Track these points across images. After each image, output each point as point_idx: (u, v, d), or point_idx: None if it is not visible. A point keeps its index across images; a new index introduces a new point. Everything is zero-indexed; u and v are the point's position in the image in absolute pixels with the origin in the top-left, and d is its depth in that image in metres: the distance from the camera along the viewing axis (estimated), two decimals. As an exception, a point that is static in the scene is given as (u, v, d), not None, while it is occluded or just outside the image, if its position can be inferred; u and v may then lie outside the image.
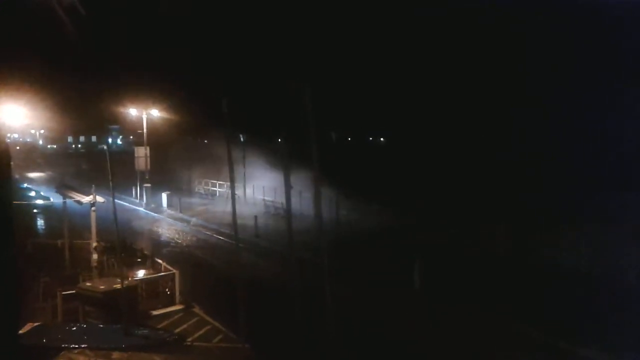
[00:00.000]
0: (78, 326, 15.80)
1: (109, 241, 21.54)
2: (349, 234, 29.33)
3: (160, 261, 21.76)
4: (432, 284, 20.69)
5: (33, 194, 41.69)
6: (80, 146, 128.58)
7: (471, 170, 48.66)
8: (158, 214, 41.73)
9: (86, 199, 20.33)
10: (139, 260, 22.43)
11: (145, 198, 45.45)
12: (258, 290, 17.57)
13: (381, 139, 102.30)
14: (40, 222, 36.98)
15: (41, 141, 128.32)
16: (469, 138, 64.85)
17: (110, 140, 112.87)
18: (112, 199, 16.13)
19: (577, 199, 29.80)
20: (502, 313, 17.50)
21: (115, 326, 15.28)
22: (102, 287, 16.79)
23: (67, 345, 13.12)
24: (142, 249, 24.32)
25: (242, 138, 47.47)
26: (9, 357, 6.00)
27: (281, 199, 33.69)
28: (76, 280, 19.41)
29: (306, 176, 11.42)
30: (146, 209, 43.78)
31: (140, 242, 27.53)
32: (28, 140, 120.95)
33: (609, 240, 21.27)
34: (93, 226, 20.45)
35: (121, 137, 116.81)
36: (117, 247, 18.31)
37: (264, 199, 41.38)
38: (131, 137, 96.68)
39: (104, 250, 21.55)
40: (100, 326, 15.89)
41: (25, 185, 49.31)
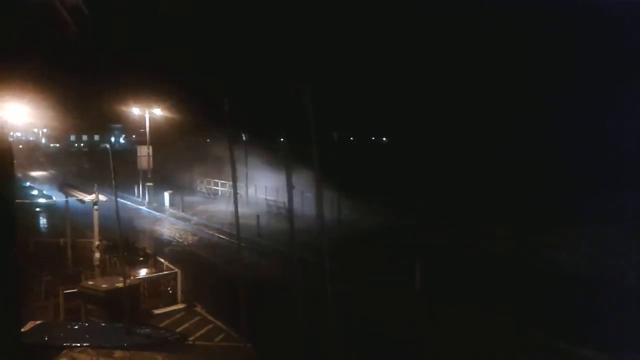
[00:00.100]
0: (80, 325, 15.84)
1: (112, 240, 21.63)
2: (350, 234, 29.40)
3: (162, 260, 21.81)
4: (432, 284, 20.74)
5: (36, 193, 41.77)
6: (82, 145, 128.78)
7: (471, 170, 48.68)
8: (160, 213, 41.79)
9: (88, 198, 20.38)
10: (141, 259, 22.49)
11: (147, 197, 45.53)
12: (260, 289, 17.64)
13: (383, 139, 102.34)
14: (42, 221, 37.04)
15: (44, 140, 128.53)
16: (469, 138, 64.88)
17: (112, 139, 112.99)
18: (115, 198, 16.17)
19: (577, 199, 29.85)
20: (502, 313, 17.54)
21: (117, 325, 15.33)
22: (104, 286, 16.83)
23: (69, 343, 13.17)
24: (144, 248, 24.40)
25: (244, 137, 47.43)
26: (11, 356, 6.04)
27: (283, 199, 33.77)
28: (78, 279, 19.49)
29: (308, 176, 11.48)
30: (148, 208, 43.85)
31: (142, 241, 27.61)
32: (31, 139, 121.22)
33: (609, 240, 21.32)
34: (95, 225, 20.52)
35: (124, 136, 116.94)
36: (120, 246, 18.39)
37: (266, 199, 41.44)
38: (134, 136, 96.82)
39: (106, 249, 21.63)
40: (102, 325, 15.93)
41: (27, 184, 49.40)
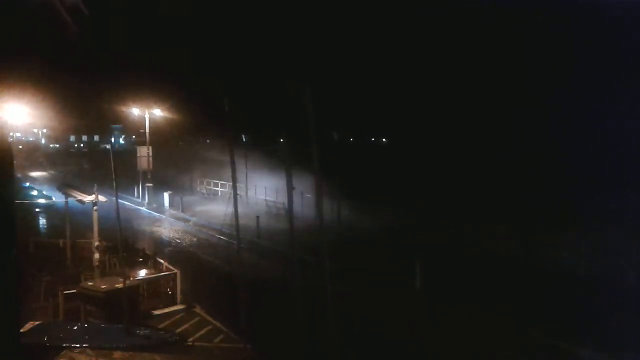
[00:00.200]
0: (79, 325, 15.82)
1: (111, 240, 21.61)
2: (350, 234, 29.40)
3: (161, 261, 21.79)
4: (432, 284, 20.73)
5: (35, 193, 41.75)
6: (82, 145, 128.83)
7: (471, 170, 48.67)
8: (160, 214, 41.76)
9: (88, 199, 20.37)
10: (141, 259, 22.50)
11: (147, 197, 45.49)
12: (260, 290, 17.62)
13: (383, 140, 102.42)
14: (42, 222, 37.02)
15: (44, 140, 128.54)
16: (469, 138, 64.90)
17: (112, 139, 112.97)
18: (116, 199, 16.16)
19: (577, 199, 29.84)
20: (502, 313, 17.52)
21: (116, 326, 15.31)
22: (104, 287, 16.82)
23: (69, 344, 13.16)
24: (144, 249, 24.39)
25: (244, 138, 47.43)
26: (11, 356, 6.02)
27: (283, 199, 33.70)
28: (78, 279, 19.48)
29: (308, 177, 11.46)
30: (148, 209, 43.81)
31: (141, 242, 27.59)
32: (31, 139, 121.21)
33: (609, 240, 21.30)
34: (95, 225, 20.50)
35: (123, 137, 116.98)
36: (119, 247, 18.37)
37: (266, 199, 41.44)
38: (133, 137, 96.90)
39: (106, 249, 21.63)
40: (101, 325, 15.91)
41: (27, 184, 49.37)
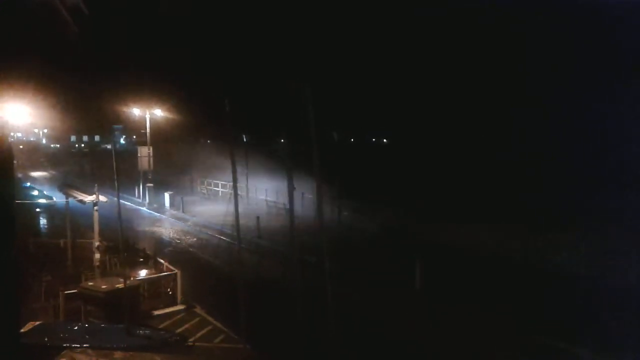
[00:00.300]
0: (80, 325, 15.82)
1: (112, 241, 21.62)
2: (350, 234, 29.41)
3: (162, 261, 21.79)
4: (433, 284, 20.73)
5: (36, 193, 41.76)
6: (83, 145, 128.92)
7: (471, 170, 48.66)
8: (160, 214, 41.77)
9: (89, 199, 20.37)
10: (141, 260, 22.49)
11: (147, 198, 45.52)
12: (260, 290, 17.62)
13: (383, 140, 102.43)
14: (42, 222, 37.03)
15: (44, 140, 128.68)
16: (469, 138, 64.89)
17: (114, 139, 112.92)
18: (117, 199, 16.16)
19: (577, 199, 29.83)
20: (502, 313, 17.53)
21: (117, 326, 15.31)
22: (104, 287, 16.82)
23: (69, 344, 13.15)
24: (145, 249, 24.39)
25: (245, 138, 47.44)
26: (11, 356, 6.03)
27: (283, 200, 33.75)
28: (78, 279, 19.48)
29: (308, 177, 11.47)
30: (149, 209, 43.83)
31: (142, 242, 27.59)
32: (31, 139, 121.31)
33: (609, 240, 21.30)
34: (95, 225, 20.51)
35: (124, 137, 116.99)
36: (120, 247, 18.37)
37: (266, 200, 41.45)
38: (134, 137, 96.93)
39: (106, 249, 21.64)
40: (102, 326, 15.91)
41: (28, 184, 49.39)
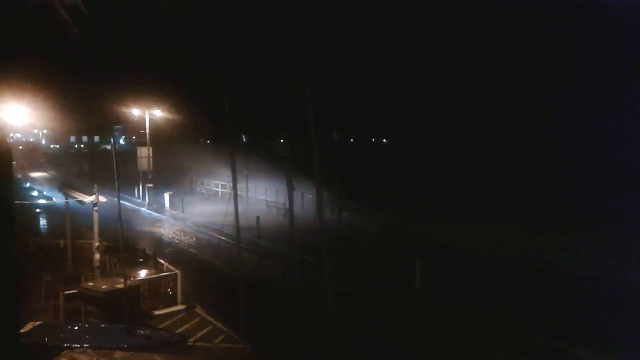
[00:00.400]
0: (80, 325, 15.81)
1: (112, 241, 21.61)
2: (350, 234, 29.40)
3: (162, 261, 21.78)
4: (432, 284, 20.73)
5: (35, 194, 41.77)
6: (82, 146, 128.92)
7: (471, 170, 48.66)
8: (160, 214, 41.77)
9: (88, 199, 20.37)
10: (141, 260, 22.48)
11: (147, 198, 45.51)
12: (260, 290, 17.61)
13: (383, 140, 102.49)
14: (42, 222, 37.02)
15: (44, 141, 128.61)
16: (469, 138, 64.91)
17: (113, 140, 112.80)
18: (118, 199, 16.15)
19: (577, 199, 29.84)
20: (502, 313, 17.52)
21: (117, 326, 15.29)
22: (104, 287, 16.81)
23: (69, 344, 13.13)
24: (144, 249, 24.38)
25: (245, 138, 47.42)
26: (11, 356, 6.03)
27: (283, 200, 33.78)
28: (78, 279, 19.46)
29: (308, 177, 11.47)
30: (148, 209, 43.82)
31: (142, 242, 27.58)
32: (31, 139, 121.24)
33: (609, 240, 21.30)
34: (95, 226, 20.50)
35: (124, 138, 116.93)
36: (120, 247, 18.36)
37: (266, 200, 41.45)
38: (134, 138, 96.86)
39: (106, 250, 21.62)
40: (102, 326, 15.90)
41: (27, 184, 49.38)
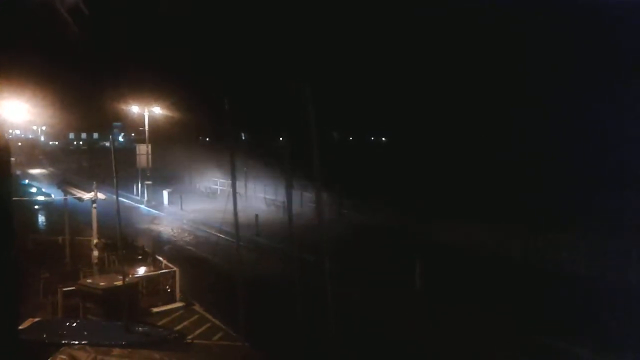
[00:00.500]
0: (78, 322, 15.75)
1: (110, 238, 21.58)
2: (350, 234, 29.37)
3: (160, 258, 21.76)
4: (432, 284, 20.71)
5: (34, 191, 41.74)
6: (81, 143, 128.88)
7: (471, 170, 48.67)
8: (159, 212, 41.74)
9: (87, 196, 20.34)
10: (140, 257, 22.46)
11: (146, 195, 45.48)
12: (258, 288, 17.58)
13: (383, 139, 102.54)
14: (41, 219, 36.98)
15: (43, 138, 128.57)
16: (470, 138, 64.92)
17: (112, 137, 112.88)
18: (116, 196, 16.11)
19: (577, 199, 29.84)
20: (502, 313, 17.51)
21: (115, 323, 15.26)
22: (103, 284, 16.78)
23: (68, 341, 13.09)
24: (143, 246, 24.35)
25: (244, 136, 47.40)
26: (10, 353, 5.99)
27: (282, 198, 33.76)
28: (77, 276, 19.43)
29: (307, 175, 11.42)
30: (147, 207, 43.80)
31: (140, 240, 27.55)
32: (30, 136, 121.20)
33: (609, 240, 21.29)
34: (94, 223, 20.47)
35: (123, 135, 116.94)
36: (118, 244, 18.32)
37: (265, 197, 41.46)
38: (132, 135, 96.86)
39: (105, 247, 21.58)
40: (100, 323, 15.88)
41: (26, 181, 49.33)
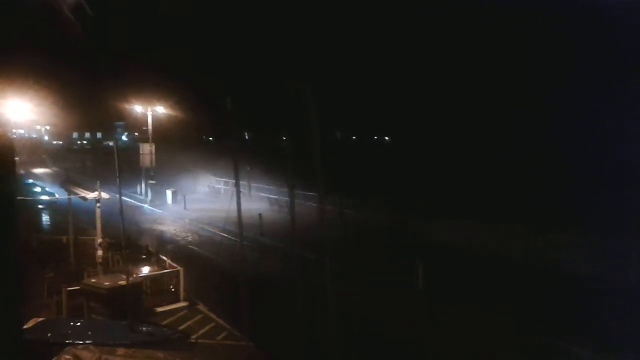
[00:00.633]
0: (83, 322, 15.84)
1: (114, 237, 21.68)
2: (351, 234, 29.44)
3: (164, 258, 21.86)
4: (432, 284, 20.78)
5: (38, 190, 41.88)
6: (85, 142, 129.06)
7: (471, 170, 48.67)
8: (162, 211, 41.86)
9: (91, 195, 20.41)
10: (144, 257, 22.54)
11: (149, 195, 45.61)
12: (262, 288, 17.68)
13: (385, 138, 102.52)
14: (45, 218, 37.11)
15: (46, 137, 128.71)
16: (470, 138, 64.89)
17: (116, 136, 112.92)
18: (119, 196, 16.20)
19: (578, 199, 29.85)
20: (502, 313, 17.58)
21: (119, 322, 15.35)
22: (107, 284, 16.86)
23: (72, 340, 13.18)
24: (147, 246, 24.46)
25: (247, 136, 47.52)
26: (14, 352, 6.11)
27: (285, 197, 33.87)
28: (81, 276, 19.51)
29: (308, 175, 11.50)
30: (151, 206, 43.94)
31: (144, 239, 27.67)
32: (34, 136, 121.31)
33: (609, 240, 21.32)
34: (98, 222, 20.56)
35: (126, 134, 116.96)
36: (122, 244, 18.42)
37: (268, 197, 41.57)
38: (136, 134, 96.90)
39: (109, 246, 21.69)
40: (105, 322, 15.97)
41: (30, 181, 49.49)
